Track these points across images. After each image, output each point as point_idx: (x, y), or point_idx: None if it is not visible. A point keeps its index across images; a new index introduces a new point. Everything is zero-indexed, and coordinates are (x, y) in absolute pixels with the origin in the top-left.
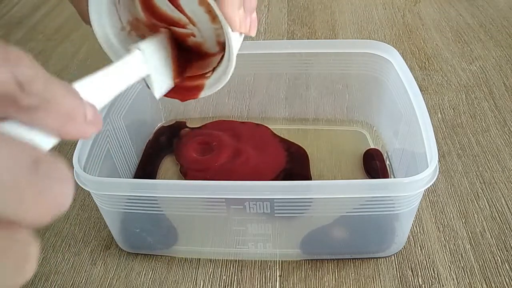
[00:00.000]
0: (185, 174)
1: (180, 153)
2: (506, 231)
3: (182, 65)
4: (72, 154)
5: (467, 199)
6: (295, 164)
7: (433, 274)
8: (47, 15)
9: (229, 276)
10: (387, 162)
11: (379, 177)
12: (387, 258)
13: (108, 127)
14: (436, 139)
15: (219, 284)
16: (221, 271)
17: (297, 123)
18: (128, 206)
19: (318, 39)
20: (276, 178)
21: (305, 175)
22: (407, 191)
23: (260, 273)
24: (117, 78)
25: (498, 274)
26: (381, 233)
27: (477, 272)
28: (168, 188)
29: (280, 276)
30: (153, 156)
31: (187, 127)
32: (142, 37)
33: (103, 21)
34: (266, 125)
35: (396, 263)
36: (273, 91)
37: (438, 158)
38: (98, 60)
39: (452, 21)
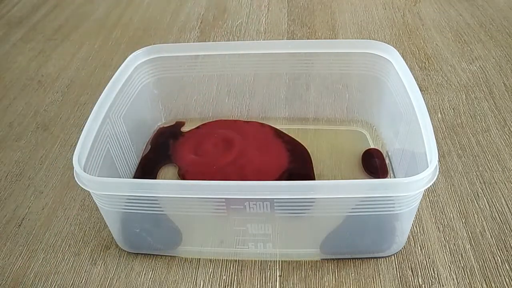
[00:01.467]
0: (183, 177)
1: (179, 155)
2: (506, 231)
3: None
4: (72, 154)
5: (467, 199)
6: (298, 164)
7: (433, 274)
8: (47, 15)
9: (229, 276)
10: (387, 161)
11: (378, 174)
12: (387, 258)
13: (108, 127)
14: (436, 139)
15: (219, 284)
16: (221, 271)
17: (297, 123)
18: (128, 206)
19: (318, 39)
20: (279, 179)
21: (309, 175)
22: (407, 191)
23: (260, 273)
24: None
25: (498, 274)
26: (381, 233)
27: (477, 272)
28: (168, 188)
29: (280, 276)
30: (153, 157)
31: (185, 128)
32: None
33: None
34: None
35: (396, 263)
36: (273, 91)
37: (438, 158)
38: (98, 59)
39: (452, 21)
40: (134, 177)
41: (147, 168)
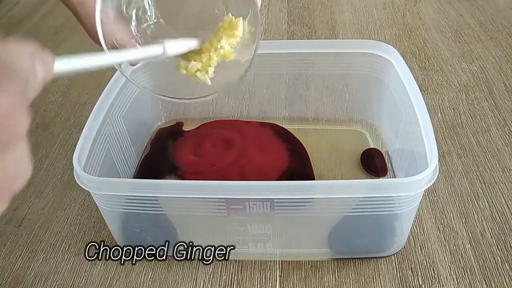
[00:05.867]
0: (183, 178)
1: (178, 155)
2: (506, 231)
3: None
4: (72, 154)
5: (467, 199)
6: (298, 164)
7: (433, 274)
8: (47, 15)
9: (229, 276)
10: (387, 161)
11: (378, 172)
12: (387, 258)
13: (108, 127)
14: (436, 139)
15: (219, 284)
16: (221, 271)
17: (297, 123)
18: (128, 206)
19: (318, 39)
20: (279, 179)
21: (309, 175)
22: (407, 191)
23: (260, 273)
24: None
25: (498, 274)
26: (381, 233)
27: (477, 272)
28: (168, 188)
29: (280, 276)
30: (152, 157)
31: (185, 128)
32: None
33: None
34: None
35: (396, 263)
36: (273, 91)
37: (438, 158)
38: None
39: (452, 21)
40: (134, 177)
41: (147, 168)
